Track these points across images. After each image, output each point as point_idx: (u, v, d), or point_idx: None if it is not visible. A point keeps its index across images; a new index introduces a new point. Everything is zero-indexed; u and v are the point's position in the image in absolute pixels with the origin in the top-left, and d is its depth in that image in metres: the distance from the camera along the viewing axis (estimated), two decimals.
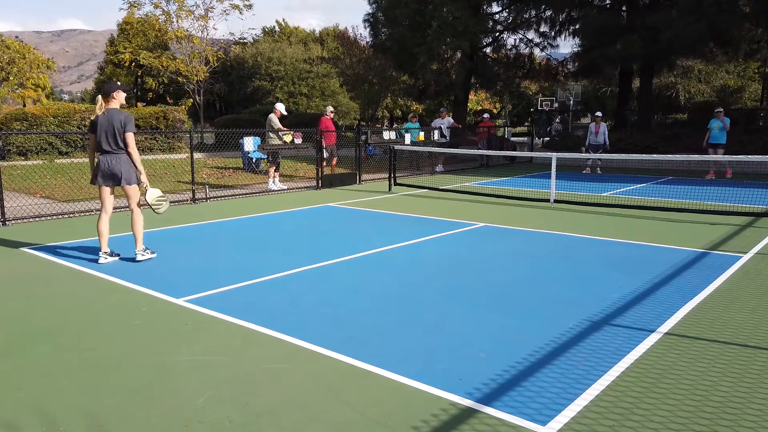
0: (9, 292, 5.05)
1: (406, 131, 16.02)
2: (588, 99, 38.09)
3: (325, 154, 13.91)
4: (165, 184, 12.51)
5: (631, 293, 4.94)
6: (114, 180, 5.89)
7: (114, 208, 6.22)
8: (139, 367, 3.50)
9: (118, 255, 6.14)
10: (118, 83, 6.25)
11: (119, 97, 5.97)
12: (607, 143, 16.48)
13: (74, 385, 3.26)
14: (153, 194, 6.21)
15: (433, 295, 4.90)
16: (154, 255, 6.17)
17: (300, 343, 3.84)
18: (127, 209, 6.21)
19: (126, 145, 5.84)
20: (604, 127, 16.56)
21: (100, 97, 5.96)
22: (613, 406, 2.99)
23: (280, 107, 12.83)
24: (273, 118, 12.51)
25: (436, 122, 17.48)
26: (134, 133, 5.88)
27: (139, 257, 6.04)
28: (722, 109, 15.21)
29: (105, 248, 6.03)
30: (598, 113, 17.08)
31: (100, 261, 5.94)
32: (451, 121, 17.89)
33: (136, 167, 5.94)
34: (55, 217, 8.66)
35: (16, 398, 3.11)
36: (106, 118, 5.80)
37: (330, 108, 15.32)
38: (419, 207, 9.96)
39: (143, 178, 6.01)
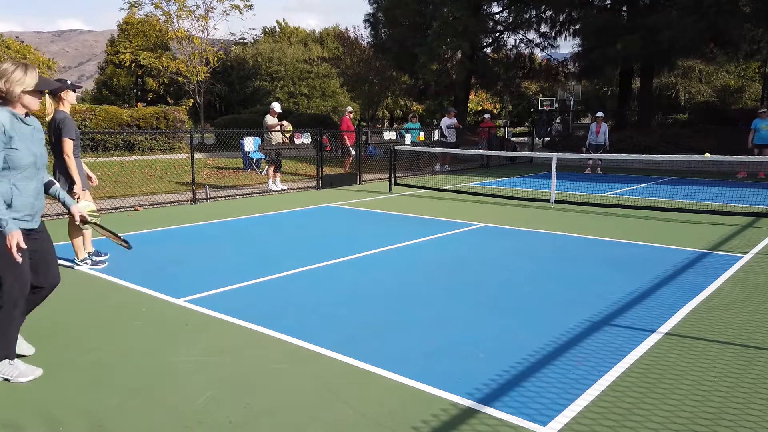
0: None
1: (407, 131, 16.04)
2: (588, 99, 38.07)
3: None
4: (165, 185, 12.53)
5: (632, 293, 4.93)
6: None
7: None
8: (139, 367, 3.50)
9: (106, 254, 6.01)
10: (67, 81, 5.58)
11: (69, 98, 5.45)
12: (608, 143, 16.50)
13: (74, 385, 3.26)
14: (84, 207, 5.79)
15: (433, 295, 4.90)
16: (95, 264, 5.79)
17: (300, 343, 3.84)
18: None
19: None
20: (605, 127, 16.57)
21: (48, 97, 5.36)
22: (613, 407, 2.99)
23: (276, 106, 12.79)
24: (268, 118, 12.54)
25: (445, 121, 17.35)
26: (72, 140, 5.36)
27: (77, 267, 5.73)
28: (766, 109, 15.23)
29: (89, 248, 5.92)
30: (600, 113, 17.07)
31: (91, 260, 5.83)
32: (454, 121, 17.87)
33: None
34: (55, 217, 8.66)
35: (17, 398, 3.11)
36: (53, 121, 5.37)
37: (350, 108, 15.90)
38: (419, 207, 9.96)
39: (77, 188, 5.46)
